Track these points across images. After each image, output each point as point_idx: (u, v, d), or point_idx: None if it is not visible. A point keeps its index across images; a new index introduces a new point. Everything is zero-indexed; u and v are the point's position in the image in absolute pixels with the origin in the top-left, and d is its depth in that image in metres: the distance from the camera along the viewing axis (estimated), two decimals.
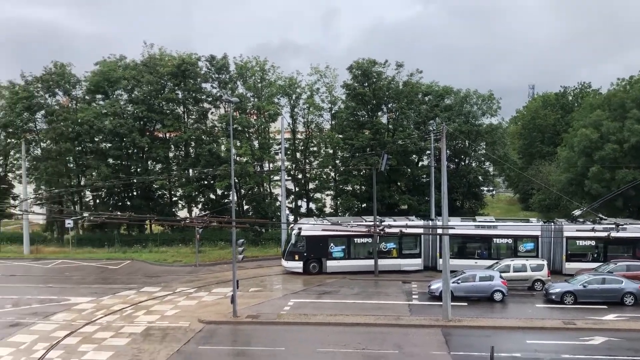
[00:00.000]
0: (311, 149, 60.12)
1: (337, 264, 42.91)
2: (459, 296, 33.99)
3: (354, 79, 56.22)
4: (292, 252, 42.99)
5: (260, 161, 57.91)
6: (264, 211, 56.50)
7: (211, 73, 57.53)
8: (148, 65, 56.77)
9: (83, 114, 54.70)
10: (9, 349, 26.84)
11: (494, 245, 42.96)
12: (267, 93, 57.14)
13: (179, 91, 57.12)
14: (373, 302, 35.09)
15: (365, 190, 57.53)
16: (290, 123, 58.61)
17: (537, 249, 42.40)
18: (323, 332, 29.18)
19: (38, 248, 55.16)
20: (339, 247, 43.15)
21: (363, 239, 42.97)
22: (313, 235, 42.08)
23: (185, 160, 58.42)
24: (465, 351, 25.98)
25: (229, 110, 47.75)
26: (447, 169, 31.70)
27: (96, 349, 26.81)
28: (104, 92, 57.68)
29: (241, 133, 56.00)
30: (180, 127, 56.61)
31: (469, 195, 60.46)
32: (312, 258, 42.85)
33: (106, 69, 56.74)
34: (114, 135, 55.30)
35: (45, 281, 42.72)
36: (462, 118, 57.06)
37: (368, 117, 57.59)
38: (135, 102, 56.36)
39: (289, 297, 36.50)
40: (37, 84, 56.82)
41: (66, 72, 57.02)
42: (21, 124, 56.49)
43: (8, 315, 32.97)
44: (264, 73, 57.67)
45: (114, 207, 57.43)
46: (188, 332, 29.40)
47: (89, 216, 31.58)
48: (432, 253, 43.76)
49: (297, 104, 58.63)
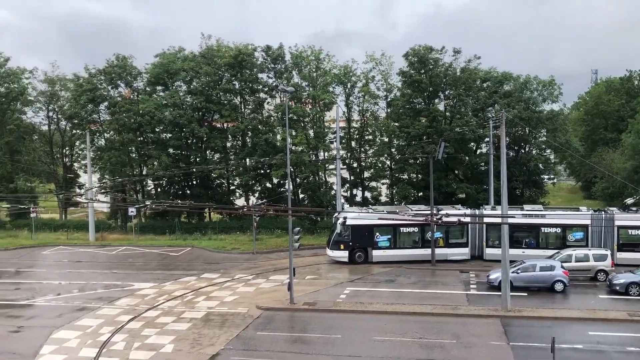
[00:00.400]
0: (366, 138, 59.95)
1: (383, 253, 42.66)
2: (518, 286, 33.35)
3: (410, 66, 55.62)
4: (338, 241, 42.90)
5: (315, 150, 58.18)
6: (319, 200, 56.81)
7: (267, 63, 58.07)
8: (206, 57, 57.77)
9: (144, 105, 56.18)
10: (76, 332, 28.04)
11: (542, 235, 42.01)
12: (322, 82, 57.28)
13: (236, 82, 57.92)
14: (430, 291, 34.88)
15: (421, 179, 57.04)
16: (345, 112, 58.60)
17: (587, 239, 41.24)
18: (379, 320, 29.22)
19: (103, 235, 57.23)
20: (385, 236, 42.83)
21: (409, 229, 42.74)
22: (358, 225, 42.18)
23: (242, 149, 59.28)
24: (524, 342, 25.55)
25: (285, 99, 48.12)
26: (506, 157, 31.06)
27: (158, 333, 27.70)
28: (163, 83, 59.10)
29: (297, 122, 56.38)
30: (237, 117, 57.48)
31: (529, 184, 59.06)
32: (358, 247, 42.65)
33: (166, 61, 58.07)
34: (173, 125, 56.61)
35: (109, 267, 44.31)
36: (521, 104, 55.63)
37: (424, 104, 56.95)
38: (194, 93, 57.51)
39: (345, 285, 36.67)
40: (100, 76, 58.69)
41: (127, 65, 58.71)
42: (86, 116, 58.59)
43: (75, 300, 34.41)
44: (319, 62, 57.77)
45: (174, 195, 58.92)
46: (246, 318, 29.99)
47: (151, 204, 32.55)
48: (479, 242, 43.26)
49: (352, 93, 58.55)
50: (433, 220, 28.69)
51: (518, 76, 58.51)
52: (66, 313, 31.39)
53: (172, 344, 26.15)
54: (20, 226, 61.40)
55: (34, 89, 64.91)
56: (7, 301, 34.32)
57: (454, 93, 55.90)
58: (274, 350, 25.17)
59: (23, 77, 63.48)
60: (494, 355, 23.95)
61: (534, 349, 24.58)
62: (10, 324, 29.76)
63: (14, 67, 63.35)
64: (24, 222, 61.41)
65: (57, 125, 67.30)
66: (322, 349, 25.22)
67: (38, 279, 40.65)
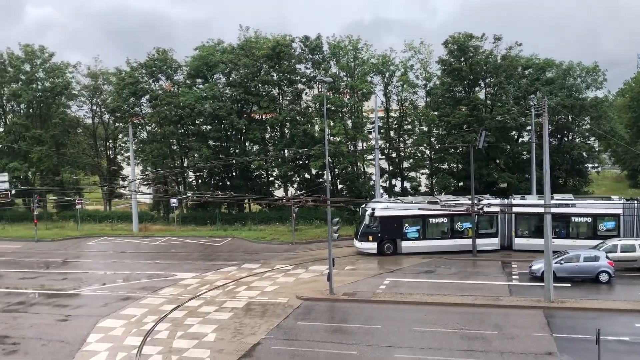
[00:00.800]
0: (405, 127, 59.51)
1: (412, 244, 42.26)
2: (561, 277, 32.77)
3: (449, 54, 54.88)
4: (366, 233, 42.41)
5: (353, 140, 58.01)
6: (357, 190, 56.73)
7: (305, 54, 58.04)
8: (244, 49, 58.10)
9: (184, 97, 56.90)
10: (121, 321, 28.72)
11: (572, 224, 41.19)
12: (360, 72, 57.02)
13: (274, 73, 58.10)
14: (471, 282, 34.56)
15: (462, 169, 56.39)
16: (383, 101, 58.25)
17: (619, 228, 40.10)
18: (420, 311, 29.11)
19: (146, 226, 58.40)
20: (414, 227, 42.41)
21: (438, 219, 42.31)
22: (387, 216, 41.86)
23: (280, 140, 59.56)
24: (568, 333, 25.12)
25: (323, 90, 48.09)
26: (549, 145, 30.42)
27: (201, 323, 28.16)
28: (203, 76, 59.69)
29: (335, 113, 56.33)
30: (275, 109, 57.73)
31: (572, 173, 57.77)
32: (387, 239, 42.24)
33: (205, 54, 58.62)
34: (213, 117, 57.21)
35: (153, 257, 45.20)
36: (564, 92, 54.34)
37: (465, 92, 56.19)
38: (233, 85, 57.95)
39: (385, 275, 36.62)
40: (142, 70, 59.59)
41: (168, 58, 59.51)
42: (128, 109, 59.67)
43: (120, 289, 35.22)
44: (357, 52, 57.49)
45: (214, 187, 59.66)
46: (287, 307, 30.24)
47: (192, 196, 33.04)
48: (508, 232, 42.66)
49: (390, 82, 58.14)
50: (474, 210, 28.43)
51: (561, 63, 57.14)
52: (111, 302, 32.19)
53: (214, 333, 26.56)
54: (67, 217, 63.12)
55: (78, 83, 66.67)
56: (55, 291, 35.41)
57: (495, 81, 54.95)
58: (314, 340, 25.34)
59: (67, 71, 65.14)
60: (536, 347, 23.60)
61: (578, 341, 24.14)
62: (58, 312, 30.68)
63: (58, 62, 65.04)
64: (70, 214, 63.10)
65: (100, 119, 68.84)
66: (362, 339, 25.27)
67: (84, 269, 41.79)
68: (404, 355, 23.18)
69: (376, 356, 23.20)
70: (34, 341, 26.21)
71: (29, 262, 45.01)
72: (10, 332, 27.56)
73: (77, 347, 25.31)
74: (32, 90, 62.42)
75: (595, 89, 57.21)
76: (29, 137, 61.73)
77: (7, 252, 47.24)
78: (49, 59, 63.95)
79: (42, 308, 31.77)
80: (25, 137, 62.12)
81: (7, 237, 54.24)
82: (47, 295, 34.44)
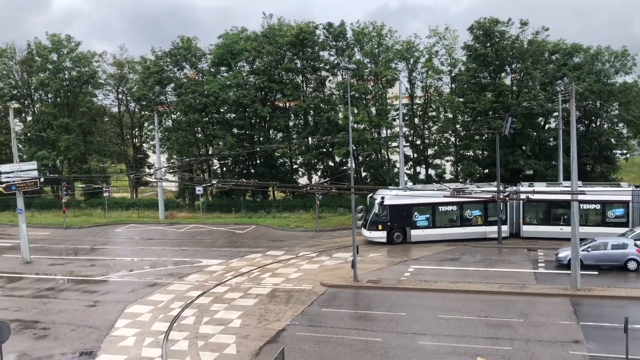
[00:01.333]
0: (430, 114, 59.11)
1: (422, 233, 42.06)
2: (588, 265, 32.42)
3: (475, 39, 54.21)
4: (375, 222, 42.12)
5: (377, 128, 57.81)
6: (381, 178, 56.56)
7: (329, 41, 57.81)
8: (268, 36, 58.08)
9: (209, 86, 57.14)
10: (149, 307, 29.18)
11: (580, 212, 40.47)
12: (384, 58, 56.64)
13: (298, 60, 58.01)
14: (496, 269, 34.33)
15: (487, 156, 55.87)
16: (408, 88, 57.83)
17: (628, 216, 39.52)
18: (444, 299, 29.05)
19: (172, 213, 59.06)
20: (423, 215, 42.12)
21: (447, 207, 42.11)
22: (397, 205, 41.53)
23: (304, 128, 59.56)
24: (595, 321, 24.88)
25: (346, 77, 47.90)
26: (576, 132, 29.98)
27: (227, 309, 28.47)
28: (227, 64, 59.86)
29: (358, 100, 56.13)
30: (299, 96, 57.71)
31: (600, 159, 56.87)
32: (396, 227, 41.97)
33: (229, 42, 58.77)
34: (237, 105, 57.41)
35: (179, 244, 45.73)
36: (592, 77, 53.30)
37: (490, 78, 55.52)
38: (257, 73, 58.01)
39: (409, 263, 36.55)
40: (166, 58, 59.97)
41: (192, 46, 59.78)
42: (153, 97, 60.19)
43: (147, 275, 35.74)
44: (381, 38, 57.07)
45: (239, 174, 59.98)
46: (311, 294, 30.40)
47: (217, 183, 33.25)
48: (517, 220, 42.38)
49: (415, 68, 57.70)
50: (500, 197, 28.24)
51: (588, 47, 56.02)
52: (138, 288, 32.69)
53: (240, 319, 26.84)
54: (94, 205, 64.09)
55: (104, 72, 67.28)
56: (83, 277, 36.08)
57: (521, 66, 54.17)
58: (338, 326, 25.45)
59: (93, 60, 65.80)
60: (563, 335, 23.41)
61: (606, 329, 23.89)
62: (87, 298, 31.27)
63: (84, 51, 65.75)
64: (97, 201, 64.05)
65: (126, 107, 69.53)
66: (386, 326, 25.32)
67: (112, 255, 42.44)
68: (429, 343, 23.19)
69: (401, 343, 23.24)
70: (63, 326, 26.77)
71: (58, 248, 45.89)
72: (40, 317, 28.19)
73: (105, 332, 25.79)
74: (59, 79, 63.23)
75: (624, 73, 55.99)
76: (56, 125, 62.62)
77: (37, 238, 48.15)
78: (75, 49, 64.67)
79: (71, 294, 32.40)
80: (53, 125, 63.03)
81: (37, 224, 55.23)
82: (76, 281, 35.11)
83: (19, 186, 38.16)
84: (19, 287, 34.23)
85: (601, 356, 21.26)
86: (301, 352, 22.69)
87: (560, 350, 22.00)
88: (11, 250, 45.07)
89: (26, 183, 38.52)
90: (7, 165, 39.00)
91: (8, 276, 36.91)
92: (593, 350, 21.80)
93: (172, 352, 23.11)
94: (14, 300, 31.33)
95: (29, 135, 65.05)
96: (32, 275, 36.82)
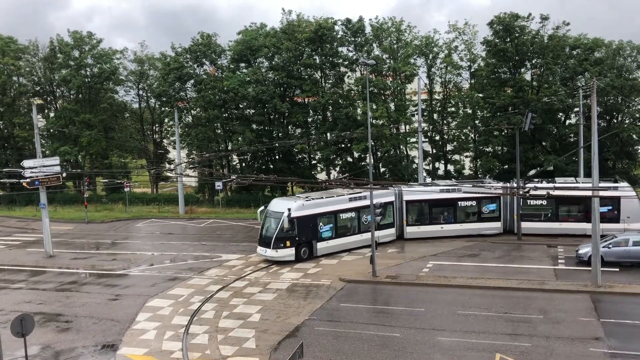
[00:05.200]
0: (449, 110, 58.88)
1: (326, 245, 37.97)
2: (609, 261, 32.11)
3: (494, 34, 53.86)
4: (282, 238, 36.20)
5: (396, 123, 57.72)
6: (400, 173, 56.51)
7: (347, 36, 57.80)
8: (287, 32, 58.24)
9: (228, 82, 57.47)
10: (169, 301, 29.49)
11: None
12: (403, 54, 56.52)
13: (317, 56, 58.10)
14: (516, 266, 34.17)
15: (507, 151, 55.52)
16: (426, 83, 57.66)
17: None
18: (463, 294, 28.98)
19: (192, 208, 59.56)
20: (327, 225, 37.98)
21: (347, 214, 38.84)
22: (304, 216, 36.82)
23: (323, 124, 59.68)
24: (616, 318, 24.68)
25: (365, 73, 47.87)
26: (597, 127, 29.69)
27: (246, 303, 28.69)
28: (246, 60, 60.14)
29: (377, 95, 56.08)
30: (318, 92, 57.83)
31: (621, 155, 56.22)
32: (304, 242, 36.96)
33: (248, 38, 59.03)
34: (256, 101, 57.65)
35: (198, 239, 46.10)
36: (614, 72, 52.65)
37: (510, 74, 55.14)
38: (276, 69, 58.21)
39: (428, 259, 36.50)
40: (186, 54, 60.38)
41: (212, 43, 60.12)
42: (173, 93, 60.64)
43: (167, 270, 36.09)
44: (400, 34, 56.97)
45: (258, 170, 60.37)
46: (330, 289, 30.51)
47: (237, 179, 33.43)
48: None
49: (434, 64, 57.51)
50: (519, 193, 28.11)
51: (610, 42, 55.35)
52: (159, 282, 33.06)
53: (259, 313, 27.04)
54: (115, 200, 64.86)
55: (125, 69, 67.97)
56: (105, 271, 36.54)
57: (541, 62, 53.68)
58: (357, 321, 25.55)
59: (114, 57, 66.46)
60: (583, 332, 23.27)
61: (627, 326, 23.72)
62: (108, 292, 31.70)
63: (105, 47, 66.49)
64: (118, 196, 64.79)
65: (146, 103, 70.22)
66: (405, 321, 25.36)
67: (132, 250, 42.91)
68: (448, 338, 23.18)
69: (419, 339, 23.26)
70: (85, 319, 27.17)
71: (80, 243, 46.53)
72: (63, 310, 28.65)
73: (126, 325, 26.13)
74: (81, 76, 63.99)
75: None
76: (78, 121, 63.42)
77: (60, 233, 48.85)
78: (97, 45, 65.38)
79: (93, 287, 32.86)
80: (75, 121, 63.85)
81: (59, 218, 56.03)
82: (97, 275, 35.59)
83: (42, 181, 38.69)
84: (42, 280, 34.80)
85: (622, 353, 21.11)
86: (320, 346, 22.81)
87: (581, 346, 21.88)
88: (34, 244, 45.84)
89: (49, 178, 39.01)
90: (31, 161, 39.52)
91: (31, 270, 37.54)
92: (613, 347, 21.64)
93: (192, 346, 23.37)
94: (37, 294, 31.87)
95: (51, 131, 65.96)
96: (54, 269, 37.41)
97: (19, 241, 47.83)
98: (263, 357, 21.95)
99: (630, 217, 39.48)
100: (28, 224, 55.75)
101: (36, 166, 38.74)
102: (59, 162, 42.10)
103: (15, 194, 63.71)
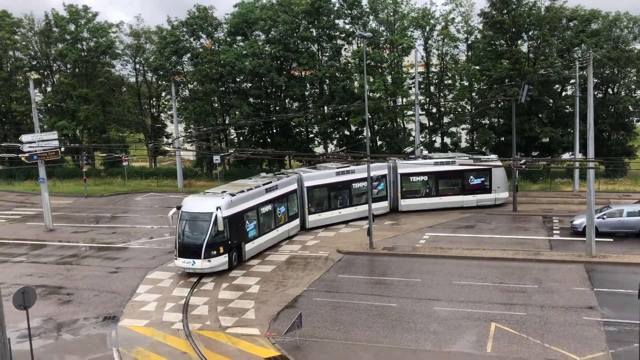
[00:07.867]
0: (446, 82, 58.77)
1: (252, 246, 32.13)
2: (604, 232, 32.60)
3: (491, 6, 53.57)
4: (213, 244, 29.01)
5: (393, 96, 57.64)
6: (397, 146, 56.60)
7: (343, 9, 57.41)
8: (283, 5, 57.75)
9: (225, 55, 57.12)
10: (169, 273, 29.96)
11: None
12: (400, 26, 56.24)
13: (313, 29, 57.73)
14: (511, 237, 34.62)
15: (503, 123, 55.58)
16: (423, 56, 57.45)
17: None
18: (459, 265, 29.45)
19: (190, 182, 59.79)
20: (252, 223, 32.21)
21: (267, 207, 33.74)
22: (235, 214, 30.40)
23: (320, 97, 59.57)
24: (609, 287, 25.18)
25: (362, 45, 47.70)
26: (593, 99, 29.85)
27: (245, 275, 29.13)
28: (243, 33, 59.72)
29: (374, 68, 55.91)
30: (314, 65, 57.62)
31: (617, 127, 56.34)
32: (234, 245, 30.40)
33: (244, 11, 58.48)
34: (253, 75, 57.45)
35: None
36: (610, 44, 52.50)
37: (507, 46, 54.92)
38: (272, 42, 57.86)
39: (424, 230, 36.90)
40: (183, 28, 59.88)
41: (208, 16, 59.58)
42: (170, 67, 60.24)
43: (167, 243, 36.18)
44: (397, 6, 56.61)
45: (255, 144, 60.41)
46: (328, 261, 30.95)
47: (234, 152, 33.62)
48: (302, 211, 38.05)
49: (431, 36, 57.27)
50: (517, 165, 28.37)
51: (607, 13, 55.04)
52: (159, 255, 33.45)
53: (258, 285, 27.48)
54: (114, 174, 64.97)
55: (121, 43, 67.41)
56: (105, 244, 36.89)
57: (538, 33, 53.49)
58: (354, 292, 26.00)
59: (110, 31, 65.92)
60: (577, 301, 23.75)
61: (620, 295, 24.18)
62: (109, 265, 32.08)
63: (101, 21, 65.91)
64: (117, 170, 64.89)
65: (143, 77, 69.83)
66: (401, 291, 25.83)
67: (132, 223, 43.23)
68: (444, 308, 23.65)
69: (416, 308, 23.73)
70: (87, 292, 27.59)
71: (80, 216, 46.84)
72: (64, 283, 29.05)
73: (127, 297, 26.56)
74: (77, 50, 63.51)
75: None
76: (76, 96, 63.14)
77: (59, 207, 49.06)
78: (93, 19, 64.78)
79: (93, 260, 33.25)
80: (73, 96, 63.58)
81: (59, 192, 56.21)
82: (98, 249, 35.96)
83: (40, 156, 38.78)
84: (43, 254, 35.17)
85: (615, 322, 21.58)
86: (318, 317, 23.27)
87: (574, 315, 22.35)
88: (34, 218, 46.13)
89: (47, 153, 39.09)
90: (29, 135, 39.51)
91: (32, 243, 37.90)
92: (607, 316, 22.13)
93: (192, 317, 23.80)
94: (38, 267, 32.26)
95: (49, 105, 65.71)
96: (55, 243, 37.77)
97: (19, 215, 48.12)
98: (262, 327, 22.40)
99: (500, 187, 42.44)
100: (27, 198, 55.96)
101: (34, 141, 38.73)
102: (57, 136, 42.12)
103: (15, 169, 63.77)
